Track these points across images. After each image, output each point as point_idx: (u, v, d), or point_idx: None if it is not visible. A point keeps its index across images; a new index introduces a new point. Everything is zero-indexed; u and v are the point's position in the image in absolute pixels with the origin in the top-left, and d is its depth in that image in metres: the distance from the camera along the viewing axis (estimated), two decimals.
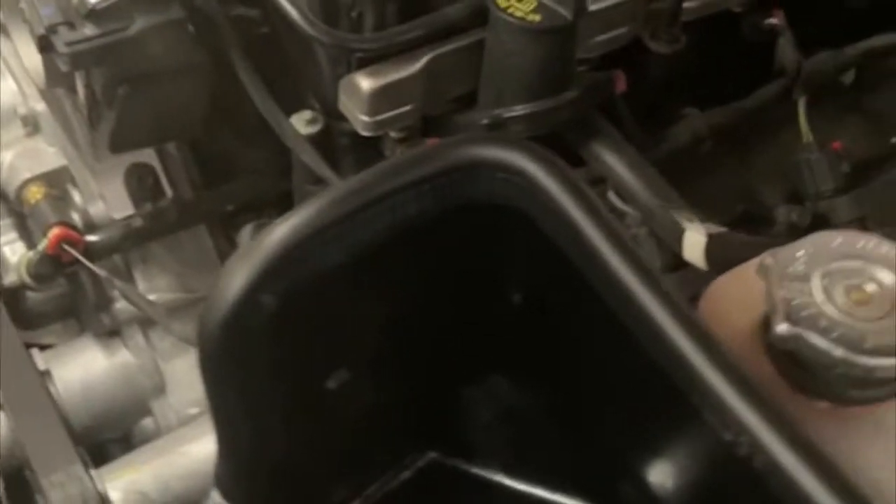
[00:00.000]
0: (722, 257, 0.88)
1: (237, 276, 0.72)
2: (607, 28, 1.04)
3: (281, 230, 0.72)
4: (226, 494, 0.84)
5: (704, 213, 0.97)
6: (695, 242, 0.91)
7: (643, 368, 0.71)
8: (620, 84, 1.04)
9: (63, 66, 0.96)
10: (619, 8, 1.03)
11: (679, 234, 0.93)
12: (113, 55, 0.97)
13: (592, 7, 1.00)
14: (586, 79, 1.01)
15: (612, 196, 1.02)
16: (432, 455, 0.93)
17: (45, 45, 0.96)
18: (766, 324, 0.69)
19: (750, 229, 1.04)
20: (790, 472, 0.61)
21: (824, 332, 0.64)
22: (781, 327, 0.65)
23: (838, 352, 0.63)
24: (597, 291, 0.73)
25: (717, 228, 0.91)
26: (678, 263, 0.96)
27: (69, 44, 0.95)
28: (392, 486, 0.92)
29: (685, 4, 1.07)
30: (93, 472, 1.03)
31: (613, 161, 1.00)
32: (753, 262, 0.72)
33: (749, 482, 0.62)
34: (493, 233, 0.77)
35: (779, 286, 0.67)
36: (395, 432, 0.91)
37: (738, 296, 0.74)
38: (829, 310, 0.65)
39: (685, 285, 0.88)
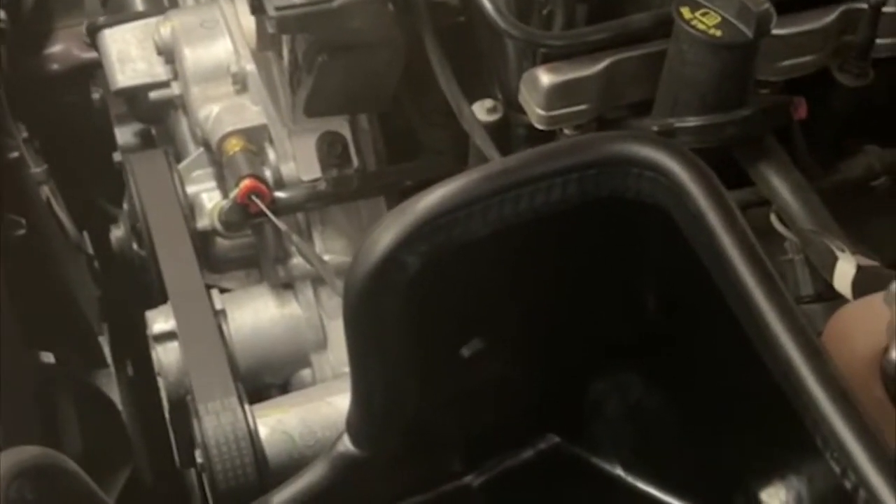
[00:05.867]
0: (868, 290, 0.87)
1: (386, 234, 0.77)
2: (793, 54, 1.04)
3: (431, 197, 0.77)
4: (355, 440, 0.90)
5: (867, 249, 0.97)
6: (844, 272, 0.91)
7: (765, 385, 0.72)
8: (801, 111, 1.05)
9: (270, 28, 1.05)
10: (808, 35, 1.04)
11: (831, 262, 0.93)
12: (316, 23, 1.05)
13: (780, 31, 1.01)
14: (763, 100, 1.02)
15: (773, 219, 1.03)
16: (555, 439, 0.96)
17: (256, 7, 1.05)
18: (886, 352, 0.69)
19: None
20: None
21: None
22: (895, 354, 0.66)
23: None
24: (725, 299, 0.75)
25: (868, 261, 0.91)
26: (831, 293, 0.96)
27: (278, 8, 1.03)
28: (512, 462, 0.96)
29: (879, 41, 1.06)
30: (246, 406, 1.10)
31: (778, 184, 1.01)
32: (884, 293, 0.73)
33: None
34: (631, 229, 0.80)
35: None
36: (521, 410, 0.94)
37: (864, 323, 0.74)
38: None
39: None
